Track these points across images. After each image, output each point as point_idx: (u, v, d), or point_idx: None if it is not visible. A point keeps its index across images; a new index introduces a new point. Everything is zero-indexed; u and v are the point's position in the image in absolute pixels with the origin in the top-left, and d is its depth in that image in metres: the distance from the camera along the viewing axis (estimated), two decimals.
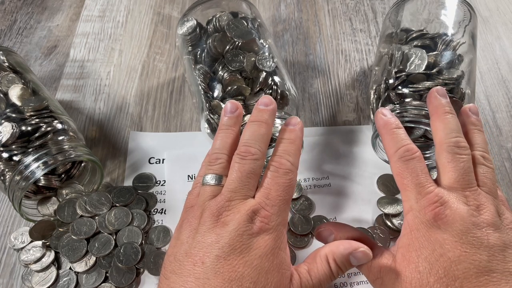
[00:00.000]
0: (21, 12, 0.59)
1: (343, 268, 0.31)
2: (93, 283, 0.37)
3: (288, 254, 0.30)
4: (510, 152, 0.46)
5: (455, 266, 0.27)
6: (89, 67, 0.53)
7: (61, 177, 0.42)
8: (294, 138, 0.33)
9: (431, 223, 0.29)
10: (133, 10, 0.60)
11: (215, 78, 0.40)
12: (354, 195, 0.43)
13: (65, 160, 0.36)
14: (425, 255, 0.29)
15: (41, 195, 0.41)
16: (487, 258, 0.27)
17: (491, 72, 0.53)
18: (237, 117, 0.34)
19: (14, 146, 0.36)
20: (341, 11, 0.60)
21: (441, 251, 0.28)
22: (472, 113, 0.35)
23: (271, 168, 0.31)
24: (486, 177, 0.31)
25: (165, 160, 0.45)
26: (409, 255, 0.29)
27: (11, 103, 0.38)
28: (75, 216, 0.40)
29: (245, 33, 0.41)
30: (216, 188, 0.31)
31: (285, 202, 0.30)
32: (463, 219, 0.29)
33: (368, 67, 0.54)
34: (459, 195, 0.30)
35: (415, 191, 0.31)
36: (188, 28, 0.44)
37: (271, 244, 0.28)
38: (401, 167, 0.32)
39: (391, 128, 0.34)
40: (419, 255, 0.29)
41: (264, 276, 0.27)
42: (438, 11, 0.45)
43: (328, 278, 0.30)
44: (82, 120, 0.48)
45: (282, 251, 0.29)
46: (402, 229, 0.31)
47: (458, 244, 0.28)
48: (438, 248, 0.28)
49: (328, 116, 0.49)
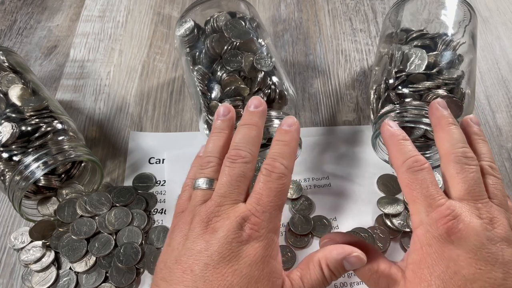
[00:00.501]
0: (21, 12, 0.59)
1: (336, 273, 0.30)
2: (93, 283, 0.37)
3: (279, 262, 0.29)
4: (510, 152, 0.46)
5: (470, 284, 0.26)
6: (89, 67, 0.53)
7: (61, 177, 0.42)
8: (289, 140, 0.32)
9: (444, 237, 0.28)
10: (133, 10, 0.60)
11: (214, 78, 0.40)
12: (354, 195, 0.43)
13: (65, 160, 0.36)
14: (438, 273, 0.27)
15: (41, 195, 0.41)
16: (502, 275, 0.26)
17: (491, 72, 0.53)
18: (230, 120, 0.34)
19: (14, 146, 0.36)
20: (341, 11, 0.60)
21: (455, 268, 0.27)
22: (474, 123, 0.34)
23: (263, 171, 0.30)
24: (496, 188, 0.30)
25: (165, 160, 0.45)
26: (420, 272, 0.28)
27: (11, 103, 0.38)
28: (75, 216, 0.40)
29: (243, 33, 0.41)
30: (208, 192, 0.31)
31: (276, 208, 0.30)
32: (478, 234, 0.27)
33: (368, 67, 0.54)
34: (472, 208, 0.28)
35: (425, 204, 0.29)
36: (186, 30, 0.44)
37: (261, 253, 0.28)
38: (410, 178, 0.31)
39: (398, 139, 0.33)
40: (432, 272, 0.28)
41: (253, 285, 0.27)
42: (438, 11, 0.45)
43: (321, 284, 0.30)
44: (82, 120, 0.48)
45: (273, 259, 0.29)
46: (411, 245, 0.30)
47: (473, 260, 0.27)
48: (452, 265, 0.27)
49: (328, 116, 0.49)
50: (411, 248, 0.30)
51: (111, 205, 0.40)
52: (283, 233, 0.40)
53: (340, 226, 0.41)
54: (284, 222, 0.41)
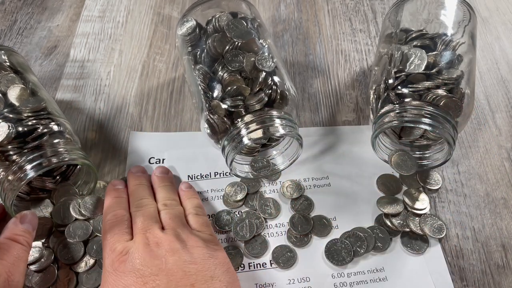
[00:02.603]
0: (21, 12, 0.59)
1: None
2: (93, 283, 0.37)
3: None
4: (509, 152, 0.46)
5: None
6: (89, 67, 0.53)
7: (56, 179, 0.42)
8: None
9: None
10: (133, 11, 0.60)
11: (215, 78, 0.40)
12: (354, 195, 0.43)
13: (59, 163, 0.36)
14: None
15: (35, 196, 0.41)
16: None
17: (491, 72, 0.53)
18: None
19: (10, 146, 0.36)
20: (341, 11, 0.60)
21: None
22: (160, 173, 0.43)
23: None
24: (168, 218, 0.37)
25: (165, 160, 0.45)
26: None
27: (9, 103, 0.38)
28: (70, 219, 0.40)
29: (244, 33, 0.41)
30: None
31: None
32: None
33: (368, 67, 0.54)
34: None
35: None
36: (188, 29, 0.44)
37: None
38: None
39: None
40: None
41: None
42: (437, 11, 0.45)
43: None
44: (82, 120, 0.48)
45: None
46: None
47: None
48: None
49: (328, 116, 0.49)
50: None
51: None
52: (283, 232, 0.40)
53: (340, 225, 0.41)
54: (284, 221, 0.41)
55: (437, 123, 0.37)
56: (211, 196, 0.43)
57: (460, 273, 0.38)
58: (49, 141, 0.37)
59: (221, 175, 0.44)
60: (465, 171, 0.45)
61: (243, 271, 0.38)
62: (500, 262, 0.39)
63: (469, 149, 0.46)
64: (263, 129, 0.37)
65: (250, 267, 0.38)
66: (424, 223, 0.40)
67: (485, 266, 0.39)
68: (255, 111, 0.38)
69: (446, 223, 0.41)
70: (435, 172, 0.44)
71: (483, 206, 0.42)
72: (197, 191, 0.43)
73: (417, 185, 0.43)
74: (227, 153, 0.38)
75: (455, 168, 0.45)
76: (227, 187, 0.43)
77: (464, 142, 0.47)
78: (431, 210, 0.41)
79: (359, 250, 0.39)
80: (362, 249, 0.38)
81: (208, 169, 0.44)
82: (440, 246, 0.39)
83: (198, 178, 0.44)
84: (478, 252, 0.40)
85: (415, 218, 0.40)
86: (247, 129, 0.37)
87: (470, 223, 0.41)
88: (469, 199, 0.43)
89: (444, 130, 0.37)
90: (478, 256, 0.39)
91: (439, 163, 0.41)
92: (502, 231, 0.41)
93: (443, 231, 0.39)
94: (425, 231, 0.39)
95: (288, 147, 0.43)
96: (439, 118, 0.37)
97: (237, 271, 0.38)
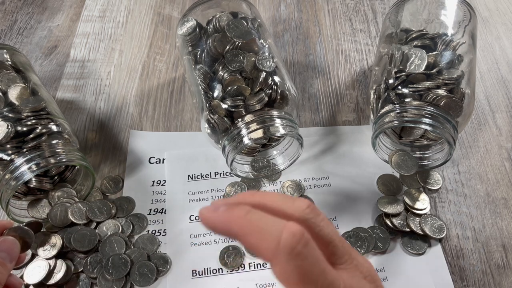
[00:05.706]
0: (22, 12, 0.59)
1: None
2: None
3: None
4: (510, 152, 0.46)
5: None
6: (90, 67, 0.53)
7: (54, 180, 0.42)
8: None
9: None
10: (133, 10, 0.60)
11: (215, 78, 0.40)
12: (354, 195, 0.43)
13: (57, 163, 0.36)
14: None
15: (32, 196, 0.41)
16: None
17: (491, 72, 0.53)
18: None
19: (8, 145, 0.36)
20: (341, 11, 0.60)
21: None
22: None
23: None
24: None
25: (165, 160, 0.45)
26: None
27: (9, 102, 0.38)
28: (67, 221, 0.39)
29: (245, 33, 0.41)
30: None
31: None
32: None
33: (368, 67, 0.54)
34: None
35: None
36: (188, 29, 0.44)
37: None
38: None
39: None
40: None
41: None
42: (438, 11, 0.45)
43: None
44: (82, 120, 0.48)
45: None
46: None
47: None
48: None
49: (328, 116, 0.49)
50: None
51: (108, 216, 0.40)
52: None
53: (340, 225, 0.41)
54: None
55: (437, 123, 0.37)
56: (211, 196, 0.43)
57: (460, 273, 0.38)
58: (47, 142, 0.37)
59: (222, 175, 0.44)
60: (465, 171, 0.45)
61: (243, 271, 0.38)
62: (500, 262, 0.39)
63: (470, 149, 0.46)
64: (263, 129, 0.37)
65: (250, 267, 0.38)
66: (424, 223, 0.40)
67: (485, 266, 0.39)
68: (256, 111, 0.38)
69: (446, 223, 0.41)
70: (436, 172, 0.44)
71: (484, 206, 0.42)
72: (197, 191, 0.43)
73: (418, 185, 0.43)
74: (227, 153, 0.38)
75: (455, 168, 0.45)
76: (228, 187, 0.43)
77: (465, 142, 0.47)
78: (431, 210, 0.41)
79: (359, 250, 0.38)
80: (363, 249, 0.38)
81: (208, 169, 0.44)
82: (441, 246, 0.39)
83: (198, 178, 0.44)
84: (479, 252, 0.40)
85: (416, 218, 0.40)
86: (247, 129, 0.37)
87: (471, 223, 0.41)
88: (469, 199, 0.43)
89: (445, 130, 0.37)
90: (478, 256, 0.39)
91: (439, 163, 0.41)
92: (503, 231, 0.41)
93: (444, 231, 0.39)
94: (425, 231, 0.39)
95: (289, 147, 0.43)
96: (439, 118, 0.37)
97: (237, 271, 0.38)
